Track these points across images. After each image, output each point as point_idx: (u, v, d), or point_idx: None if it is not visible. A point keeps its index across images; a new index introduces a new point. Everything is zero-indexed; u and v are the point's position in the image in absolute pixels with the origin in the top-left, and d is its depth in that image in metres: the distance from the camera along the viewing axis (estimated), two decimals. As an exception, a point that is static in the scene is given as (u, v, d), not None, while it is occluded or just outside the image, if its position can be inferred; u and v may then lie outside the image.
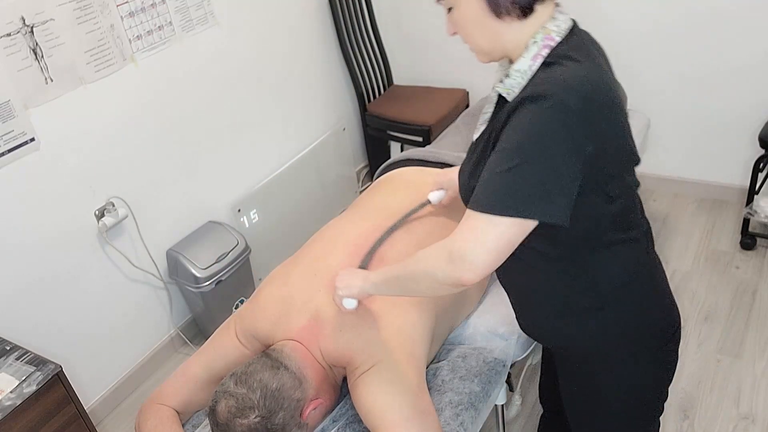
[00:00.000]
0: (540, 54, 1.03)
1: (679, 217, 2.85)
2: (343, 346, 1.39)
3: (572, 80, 0.98)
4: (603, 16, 2.74)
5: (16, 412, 1.54)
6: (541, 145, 0.96)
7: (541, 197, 0.97)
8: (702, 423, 1.98)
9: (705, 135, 2.80)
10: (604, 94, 1.01)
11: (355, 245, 1.57)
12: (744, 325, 2.29)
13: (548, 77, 1.00)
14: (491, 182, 1.00)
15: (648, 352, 1.20)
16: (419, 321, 1.45)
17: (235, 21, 2.54)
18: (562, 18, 1.06)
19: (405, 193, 1.77)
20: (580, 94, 0.96)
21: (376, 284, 1.24)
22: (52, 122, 1.99)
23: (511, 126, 1.00)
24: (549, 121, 0.96)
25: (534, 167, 0.96)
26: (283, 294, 1.50)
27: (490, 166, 1.01)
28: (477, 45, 1.09)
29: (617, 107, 1.04)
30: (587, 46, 1.06)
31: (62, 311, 2.15)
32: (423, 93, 3.21)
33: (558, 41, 1.03)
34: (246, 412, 1.26)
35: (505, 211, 0.97)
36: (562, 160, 0.96)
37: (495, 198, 0.98)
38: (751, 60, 2.55)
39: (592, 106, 0.97)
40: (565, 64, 1.00)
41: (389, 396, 1.30)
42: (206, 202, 2.58)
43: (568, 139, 0.96)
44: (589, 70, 1.01)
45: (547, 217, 0.97)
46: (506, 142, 1.00)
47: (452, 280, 1.03)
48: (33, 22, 1.88)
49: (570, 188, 0.98)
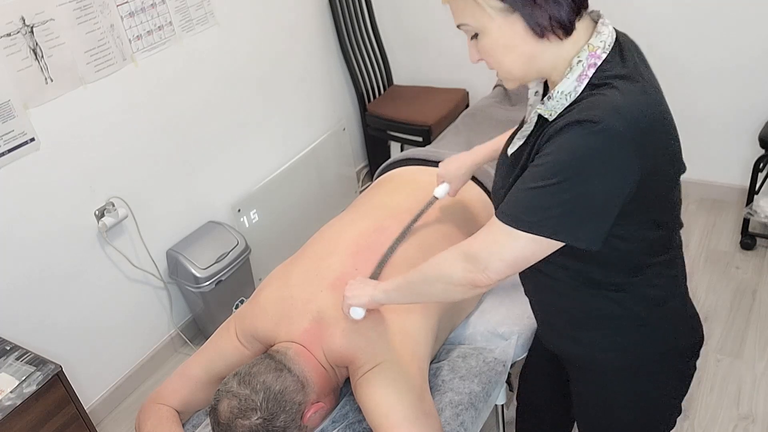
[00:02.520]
0: (585, 74, 0.97)
1: (679, 217, 2.85)
2: (346, 345, 1.39)
3: (624, 106, 0.93)
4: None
5: (16, 412, 1.54)
6: (581, 168, 0.92)
7: (570, 220, 0.94)
8: (702, 423, 1.98)
9: (705, 135, 2.80)
10: (656, 118, 0.97)
11: (356, 245, 1.57)
12: (744, 325, 2.29)
13: (598, 101, 0.94)
14: (522, 196, 0.98)
15: (672, 368, 1.20)
16: (423, 322, 1.45)
17: (235, 21, 2.54)
18: (607, 31, 1.00)
19: (405, 192, 1.77)
20: (630, 121, 0.92)
21: (387, 291, 1.25)
22: (52, 122, 1.99)
23: (554, 144, 0.96)
24: (594, 145, 0.92)
25: (569, 188, 0.93)
26: (284, 295, 1.50)
27: (525, 180, 0.99)
28: (508, 71, 1.02)
29: (669, 126, 1.01)
30: (633, 58, 1.01)
31: (62, 311, 2.15)
32: (423, 93, 3.21)
33: (604, 58, 0.98)
34: (248, 413, 1.26)
35: (528, 227, 0.96)
36: (600, 186, 0.93)
37: (521, 212, 0.97)
38: (751, 60, 2.55)
39: (643, 133, 0.93)
40: (615, 85, 0.95)
41: (392, 396, 1.30)
42: (206, 202, 2.58)
43: (611, 167, 0.92)
44: (641, 92, 0.96)
45: (573, 240, 0.96)
46: (545, 158, 0.96)
47: (467, 281, 1.04)
48: (33, 22, 1.88)
49: (604, 215, 0.95)
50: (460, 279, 1.05)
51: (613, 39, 1.00)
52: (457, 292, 1.08)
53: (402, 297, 1.23)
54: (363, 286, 1.32)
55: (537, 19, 0.95)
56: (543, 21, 0.95)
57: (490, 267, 1.01)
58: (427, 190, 1.67)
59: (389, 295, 1.25)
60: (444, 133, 2.39)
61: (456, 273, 1.05)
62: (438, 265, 1.10)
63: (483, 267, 1.01)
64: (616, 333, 1.16)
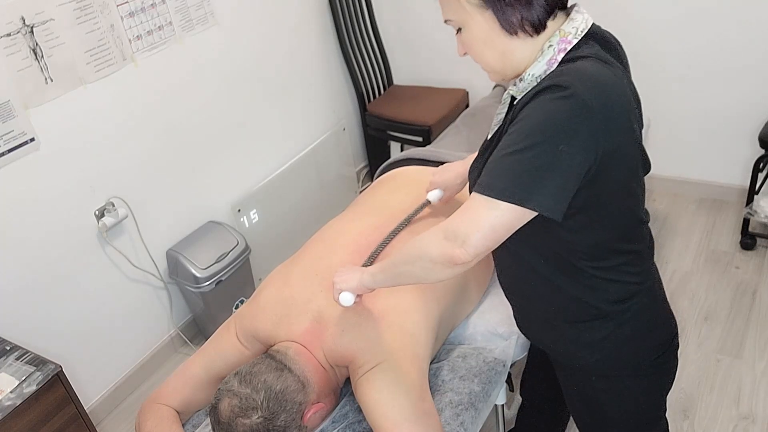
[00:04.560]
0: (555, 58, 1.01)
1: (679, 217, 2.85)
2: (346, 345, 1.39)
3: (592, 76, 0.96)
4: (603, 17, 2.74)
5: (16, 412, 1.54)
6: (549, 133, 0.94)
7: (537, 185, 0.95)
8: (702, 423, 1.98)
9: (705, 135, 2.80)
10: (620, 97, 0.99)
11: (356, 244, 1.57)
12: (744, 325, 2.29)
13: (568, 69, 0.98)
14: (494, 165, 0.99)
15: (648, 362, 1.21)
16: (423, 321, 1.45)
17: (235, 21, 2.54)
18: (580, 18, 1.03)
19: (405, 192, 1.77)
20: (598, 91, 0.95)
21: (373, 274, 1.24)
22: (52, 122, 1.99)
23: (525, 110, 0.98)
24: (562, 110, 0.94)
25: (537, 153, 0.94)
26: (284, 294, 1.50)
27: (498, 149, 1.00)
28: (488, 64, 1.07)
29: (632, 113, 1.03)
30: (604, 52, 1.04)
31: (62, 311, 2.15)
32: (423, 93, 3.21)
33: (574, 43, 1.01)
34: (249, 413, 1.26)
35: (502, 195, 0.97)
36: (567, 153, 0.94)
37: (494, 179, 0.98)
38: (751, 60, 2.55)
39: (608, 105, 0.96)
40: (585, 57, 0.99)
41: (392, 396, 1.30)
42: (206, 202, 2.58)
43: (578, 132, 0.94)
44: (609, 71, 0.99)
45: (541, 208, 0.96)
46: (515, 125, 0.99)
47: (445, 257, 1.02)
48: (33, 22, 1.88)
49: (568, 183, 0.96)
50: (439, 255, 1.03)
51: (587, 26, 1.03)
52: (437, 270, 1.06)
53: (387, 279, 1.21)
54: (351, 272, 1.31)
55: (508, 17, 1.00)
56: (514, 20, 1.00)
57: (467, 240, 0.99)
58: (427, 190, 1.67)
59: (375, 278, 1.23)
60: (444, 133, 2.39)
61: (435, 250, 1.04)
62: (418, 244, 1.09)
63: (461, 241, 1.00)
64: (586, 330, 1.17)
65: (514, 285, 1.26)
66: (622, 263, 1.12)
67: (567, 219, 1.02)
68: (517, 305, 1.31)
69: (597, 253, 1.09)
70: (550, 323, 1.22)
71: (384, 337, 1.38)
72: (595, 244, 1.08)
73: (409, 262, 1.12)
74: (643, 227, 1.15)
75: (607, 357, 1.19)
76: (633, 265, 1.13)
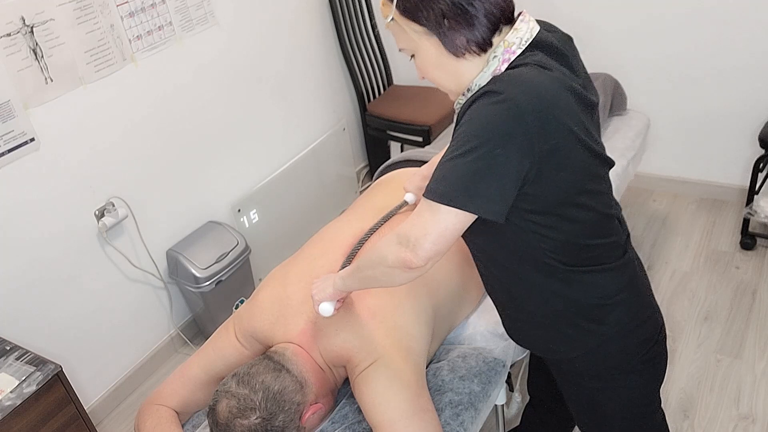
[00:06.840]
0: (499, 68, 1.05)
1: (679, 217, 2.85)
2: (341, 345, 1.39)
3: (527, 81, 0.99)
4: (602, 17, 2.74)
5: (16, 412, 1.54)
6: (484, 137, 0.97)
7: (476, 189, 0.98)
8: (702, 423, 1.98)
9: (705, 135, 2.80)
10: (556, 99, 1.01)
11: (351, 246, 1.57)
12: (744, 325, 2.29)
13: (503, 75, 1.02)
14: (438, 169, 1.02)
15: (637, 359, 1.22)
16: (414, 316, 1.45)
17: (235, 21, 2.54)
18: (525, 28, 1.06)
19: (401, 195, 1.77)
20: (532, 95, 0.98)
21: (344, 278, 1.25)
22: (52, 122, 1.99)
23: (464, 119, 1.02)
24: (496, 115, 0.97)
25: (475, 158, 0.97)
26: (281, 295, 1.50)
27: (443, 155, 1.03)
28: (443, 86, 1.12)
29: (572, 115, 1.04)
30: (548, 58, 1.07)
31: (62, 311, 2.15)
32: (423, 93, 3.21)
33: (518, 53, 1.05)
34: (247, 413, 1.26)
35: (444, 199, 0.99)
36: (503, 155, 0.97)
37: (438, 185, 1.01)
38: (750, 60, 2.55)
39: (542, 109, 0.98)
40: (526, 65, 1.02)
41: (388, 393, 1.30)
42: (206, 202, 2.58)
43: (512, 136, 0.96)
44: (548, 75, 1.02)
45: (481, 211, 0.99)
46: (457, 131, 1.02)
47: (400, 262, 1.05)
48: (33, 22, 1.88)
49: (507, 185, 0.98)
50: (394, 261, 1.06)
51: (532, 36, 1.06)
52: (396, 274, 1.09)
53: (355, 283, 1.23)
54: (326, 281, 1.32)
55: (453, 41, 1.04)
56: (459, 43, 1.04)
57: (418, 245, 1.02)
58: None
59: (346, 282, 1.25)
60: (444, 133, 2.39)
61: (390, 255, 1.07)
62: (377, 250, 1.12)
63: (412, 246, 1.03)
64: (568, 327, 1.18)
65: (496, 289, 1.27)
66: (595, 257, 1.13)
67: (531, 221, 1.06)
68: (501, 309, 1.32)
69: (569, 250, 1.11)
70: (534, 323, 1.23)
71: (376, 334, 1.38)
72: (565, 241, 1.10)
73: (370, 267, 1.15)
74: (614, 221, 1.17)
75: (595, 357, 1.20)
76: (608, 259, 1.15)
